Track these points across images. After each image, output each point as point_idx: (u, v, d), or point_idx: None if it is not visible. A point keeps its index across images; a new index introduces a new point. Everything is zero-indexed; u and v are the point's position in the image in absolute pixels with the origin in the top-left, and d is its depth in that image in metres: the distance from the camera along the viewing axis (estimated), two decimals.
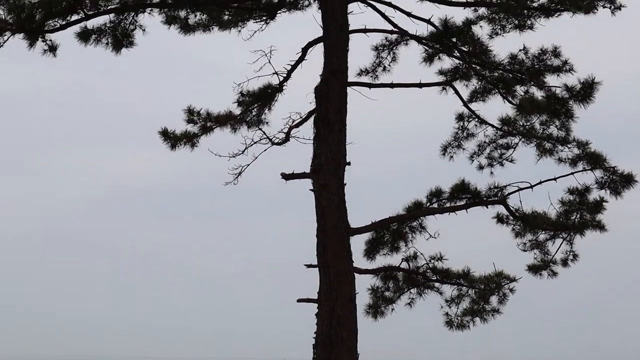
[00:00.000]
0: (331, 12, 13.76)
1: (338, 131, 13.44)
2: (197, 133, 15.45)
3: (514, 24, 14.63)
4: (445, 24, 14.42)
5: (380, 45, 15.74)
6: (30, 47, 13.05)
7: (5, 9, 12.56)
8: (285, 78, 15.04)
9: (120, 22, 13.99)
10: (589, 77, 13.87)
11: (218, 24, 15.65)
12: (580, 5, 13.46)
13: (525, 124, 14.89)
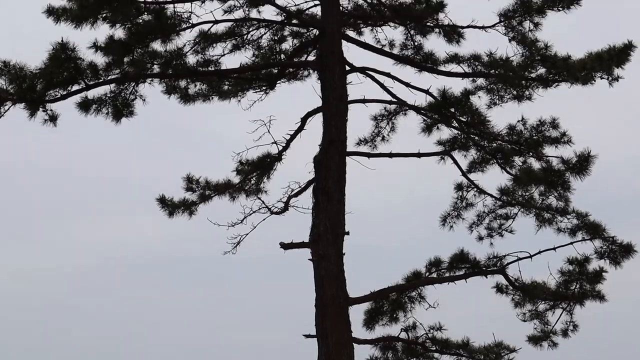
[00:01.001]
0: (330, 82, 13.87)
1: (337, 201, 13.45)
2: (195, 201, 15.49)
3: (512, 95, 14.76)
4: (443, 95, 14.53)
5: (379, 115, 15.87)
6: (30, 117, 13.11)
7: (7, 79, 12.65)
8: (284, 147, 15.12)
9: (121, 92, 14.08)
10: (585, 151, 13.93)
11: (218, 93, 15.80)
12: (577, 76, 13.57)
13: (524, 195, 14.92)
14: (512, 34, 14.39)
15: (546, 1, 13.88)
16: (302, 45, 15.82)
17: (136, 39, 13.59)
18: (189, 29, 14.69)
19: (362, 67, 14.77)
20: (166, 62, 14.34)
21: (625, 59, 13.46)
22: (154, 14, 13.61)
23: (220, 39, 15.67)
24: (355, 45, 15.09)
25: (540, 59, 14.03)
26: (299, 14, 15.51)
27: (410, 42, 15.81)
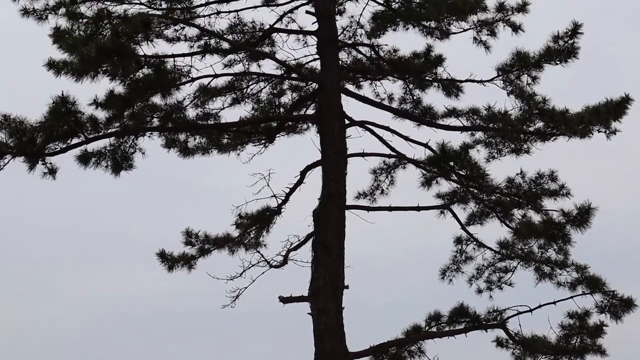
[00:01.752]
0: (330, 136, 13.91)
1: (336, 255, 13.41)
2: (195, 255, 15.46)
3: (511, 148, 14.81)
4: (442, 148, 14.57)
5: (379, 168, 15.91)
6: (30, 170, 13.13)
7: (7, 132, 12.70)
8: (283, 201, 15.13)
9: (120, 145, 14.12)
10: (585, 203, 13.93)
11: (217, 147, 15.85)
12: (575, 130, 13.62)
13: (523, 248, 14.90)
14: (510, 88, 14.47)
15: (544, 55, 13.96)
16: (302, 99, 15.91)
17: (136, 93, 13.66)
18: (189, 82, 14.81)
19: (362, 121, 14.83)
20: (166, 115, 14.42)
21: (622, 113, 13.53)
22: (154, 67, 13.70)
23: (220, 92, 15.78)
24: (355, 99, 15.17)
25: (539, 112, 14.10)
26: (298, 68, 15.63)
27: (409, 95, 15.92)
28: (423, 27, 15.55)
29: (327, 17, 14.39)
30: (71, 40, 12.17)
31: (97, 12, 12.50)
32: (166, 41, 15.36)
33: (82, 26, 12.40)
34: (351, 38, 16.21)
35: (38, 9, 12.96)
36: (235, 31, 15.83)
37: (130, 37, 11.91)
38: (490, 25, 15.07)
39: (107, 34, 12.01)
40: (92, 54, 11.66)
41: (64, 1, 12.64)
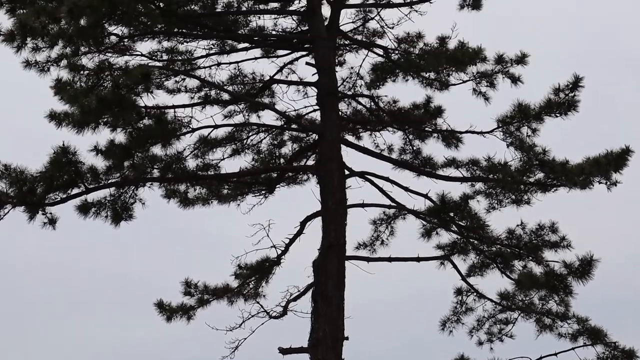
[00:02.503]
0: (330, 187, 13.90)
1: (336, 306, 13.33)
2: (193, 305, 15.38)
3: (511, 199, 14.81)
4: (442, 199, 14.56)
5: (379, 219, 15.90)
6: (30, 220, 13.12)
7: (7, 182, 12.70)
8: (283, 251, 15.10)
9: (120, 195, 14.12)
10: (587, 254, 13.87)
11: (217, 197, 15.85)
12: (576, 181, 13.63)
13: (524, 299, 14.82)
14: (510, 139, 14.50)
15: (544, 108, 14.01)
16: (302, 150, 15.95)
17: (137, 144, 13.70)
18: (189, 133, 14.87)
19: (361, 172, 14.84)
20: (166, 166, 14.44)
21: (623, 164, 13.53)
22: (155, 118, 13.75)
23: (220, 143, 15.83)
24: (355, 149, 15.20)
25: (539, 163, 14.12)
26: (298, 119, 15.70)
27: (409, 146, 15.97)
28: (422, 78, 15.66)
29: (327, 69, 14.46)
30: (72, 91, 12.20)
31: (99, 63, 12.57)
32: (167, 92, 15.51)
33: (83, 78, 12.46)
34: (351, 89, 16.32)
35: (40, 61, 13.02)
36: (236, 82, 15.94)
37: (131, 89, 11.96)
38: (489, 77, 15.17)
39: (108, 85, 12.06)
40: (93, 106, 11.69)
41: (65, 53, 12.70)
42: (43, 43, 12.49)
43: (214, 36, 15.34)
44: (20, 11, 12.91)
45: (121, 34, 13.66)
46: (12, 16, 12.89)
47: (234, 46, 15.69)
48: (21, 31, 12.21)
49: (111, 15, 12.29)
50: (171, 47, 15.36)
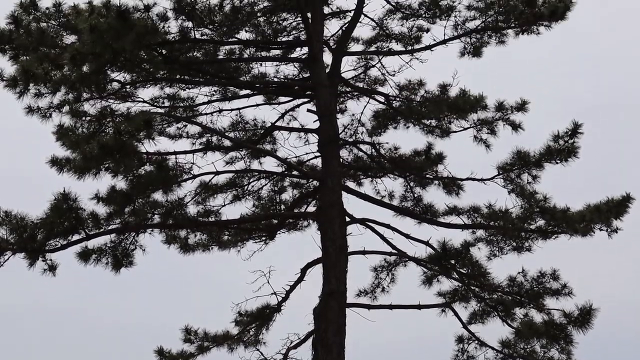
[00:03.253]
0: (330, 234, 13.87)
1: (337, 353, 13.23)
2: (193, 353, 15.29)
3: (512, 246, 14.76)
4: (443, 247, 14.53)
5: (379, 266, 15.85)
6: (30, 266, 13.09)
7: (8, 229, 12.69)
8: (283, 298, 15.03)
9: (121, 242, 14.10)
10: (586, 304, 13.79)
11: (218, 243, 15.83)
12: (577, 228, 13.61)
13: (525, 347, 14.71)
14: (511, 186, 14.51)
15: (544, 155, 14.04)
16: (302, 196, 15.95)
17: (137, 190, 13.71)
18: (191, 179, 14.87)
19: (362, 219, 14.82)
20: (167, 212, 14.43)
21: (623, 211, 13.53)
22: (156, 165, 13.77)
23: (221, 189, 15.85)
24: (355, 196, 15.20)
25: (540, 210, 14.10)
26: (299, 166, 15.72)
27: (409, 193, 15.97)
28: (424, 125, 15.73)
29: (328, 116, 14.51)
30: (74, 137, 12.25)
31: (101, 110, 12.63)
32: (168, 138, 15.56)
33: (85, 124, 12.51)
34: (352, 136, 16.37)
35: (42, 107, 13.09)
36: (237, 129, 16.00)
37: (133, 135, 11.98)
38: (490, 124, 15.23)
39: (110, 131, 12.10)
40: (95, 152, 11.72)
41: (68, 99, 12.77)
42: (45, 89, 12.58)
43: (216, 83, 15.43)
44: (24, 57, 12.99)
45: (123, 81, 13.72)
46: (15, 62, 12.98)
47: (235, 93, 15.78)
48: (24, 77, 12.31)
49: (114, 62, 12.36)
50: (173, 93, 15.47)
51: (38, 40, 12.97)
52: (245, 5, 15.56)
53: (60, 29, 13.31)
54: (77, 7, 13.05)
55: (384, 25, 16.53)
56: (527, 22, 14.63)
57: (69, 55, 11.68)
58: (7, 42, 13.07)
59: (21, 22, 13.12)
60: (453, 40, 15.51)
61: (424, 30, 16.34)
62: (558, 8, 14.31)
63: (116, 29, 11.44)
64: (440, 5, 15.77)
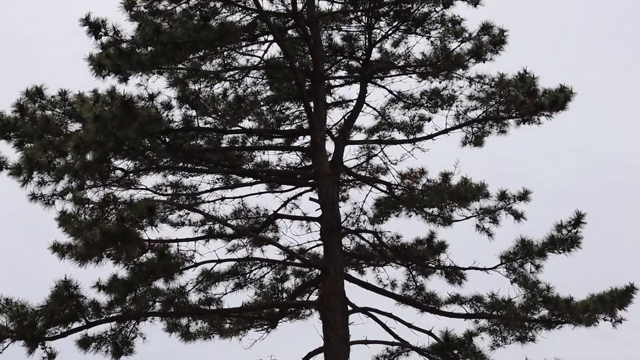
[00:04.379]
0: (332, 323, 13.75)
1: None
2: None
3: (516, 336, 14.61)
4: (446, 336, 14.37)
5: (382, 356, 15.68)
6: (29, 354, 12.94)
7: (8, 316, 12.60)
8: None
9: (122, 330, 13.98)
10: None
11: (219, 332, 15.72)
12: (581, 318, 13.50)
13: None
14: (514, 276, 14.44)
15: (547, 244, 14.01)
16: (305, 285, 15.88)
17: (139, 278, 13.65)
18: (192, 267, 14.80)
19: (364, 308, 14.72)
20: (168, 300, 14.34)
21: (627, 302, 13.44)
22: (158, 252, 13.73)
23: (223, 277, 15.80)
24: (358, 285, 15.12)
25: (543, 300, 14.01)
26: (301, 254, 15.69)
27: (412, 282, 15.90)
28: (426, 214, 15.74)
29: (331, 204, 14.51)
30: (76, 224, 12.23)
31: (104, 197, 12.64)
32: (171, 225, 15.57)
33: (87, 211, 12.52)
34: (354, 224, 16.38)
35: (45, 195, 13.13)
36: (239, 217, 16.02)
37: (135, 223, 11.98)
38: (492, 213, 15.23)
39: (112, 219, 12.10)
40: (97, 239, 11.70)
41: (71, 187, 12.81)
42: (49, 177, 12.64)
43: (219, 171, 15.50)
44: (28, 145, 13.08)
45: (126, 169, 13.79)
46: (20, 150, 13.06)
47: (238, 181, 15.84)
48: (28, 166, 12.38)
49: (117, 150, 12.44)
50: (176, 181, 15.54)
51: (43, 127, 13.08)
52: (248, 94, 15.76)
53: (65, 117, 13.42)
54: (82, 95, 13.19)
55: (386, 114, 16.72)
56: (528, 112, 14.75)
57: (73, 143, 11.75)
58: (12, 130, 13.16)
59: (26, 109, 13.23)
60: (455, 130, 15.65)
61: (425, 119, 16.52)
62: (559, 98, 14.46)
63: (120, 118, 11.55)
64: (442, 94, 15.98)
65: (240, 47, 15.24)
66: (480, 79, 15.45)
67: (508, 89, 14.94)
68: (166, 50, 12.87)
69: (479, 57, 15.04)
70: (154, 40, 12.80)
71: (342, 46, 16.44)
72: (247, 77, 15.86)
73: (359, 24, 16.14)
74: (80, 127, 12.66)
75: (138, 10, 13.63)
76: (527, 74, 14.73)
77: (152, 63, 12.90)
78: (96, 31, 12.76)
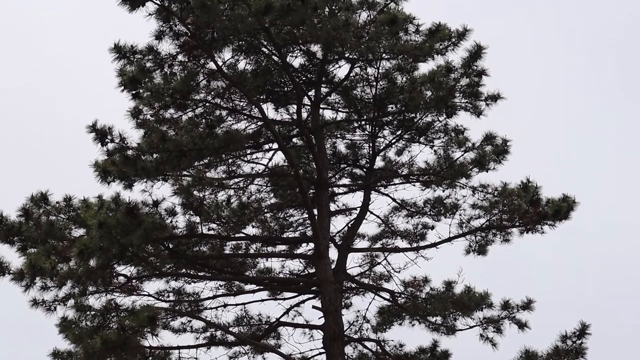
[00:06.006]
0: None
1: None
2: None
3: None
4: None
5: None
6: None
7: None
8: None
9: None
10: None
11: None
12: None
13: None
14: None
15: (551, 355, 13.90)
16: None
17: None
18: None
19: None
20: None
21: None
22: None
23: None
24: None
25: None
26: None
27: None
28: (429, 322, 15.61)
29: (333, 312, 14.41)
30: (77, 331, 12.15)
31: (105, 304, 12.57)
32: (172, 332, 15.43)
33: (89, 317, 12.43)
34: (357, 332, 16.23)
35: (47, 300, 13.07)
36: (242, 324, 15.88)
37: (137, 331, 11.88)
38: (496, 322, 15.12)
39: (114, 326, 12.01)
40: (97, 347, 11.59)
41: (73, 293, 12.77)
42: (52, 283, 12.60)
43: (222, 278, 15.44)
44: (31, 250, 13.09)
45: (129, 275, 13.76)
46: (23, 254, 13.06)
47: (241, 287, 15.78)
48: (31, 271, 12.36)
49: (121, 256, 12.43)
50: (179, 287, 15.46)
51: (47, 232, 13.11)
52: (252, 201, 15.82)
53: (69, 223, 13.47)
54: (87, 201, 13.30)
55: (390, 222, 16.75)
56: (531, 222, 14.78)
57: (76, 249, 11.76)
58: (16, 234, 13.19)
59: (31, 214, 13.29)
60: (458, 238, 15.66)
61: (429, 227, 16.54)
62: (562, 208, 14.52)
63: (125, 225, 11.60)
64: (445, 203, 16.03)
65: (245, 154, 15.37)
66: (483, 188, 15.54)
67: (511, 198, 15.02)
68: (171, 158, 13.00)
69: (482, 167, 15.15)
70: (159, 147, 12.94)
71: (346, 154, 16.59)
72: (252, 184, 15.95)
73: (363, 132, 16.31)
74: (85, 233, 12.69)
75: (144, 118, 13.80)
76: (530, 183, 14.84)
77: (157, 170, 13.01)
78: (102, 138, 12.90)
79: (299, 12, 12.15)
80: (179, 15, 11.96)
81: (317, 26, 12.95)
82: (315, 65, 15.46)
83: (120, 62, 12.77)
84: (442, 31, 14.07)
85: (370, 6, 14.00)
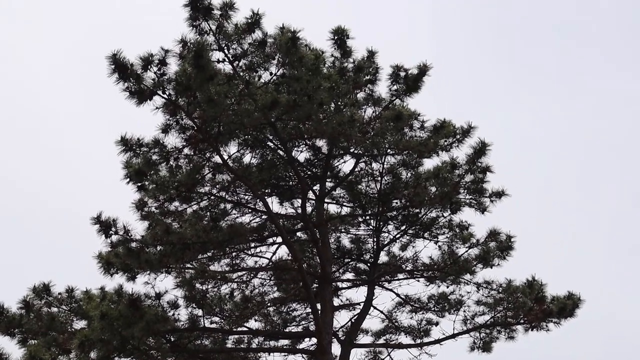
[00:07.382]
0: None
1: None
2: None
3: None
4: None
5: None
6: None
7: None
8: None
9: None
10: None
11: None
12: None
13: None
14: None
15: None
16: None
17: None
18: None
19: None
20: None
21: None
22: None
23: None
24: None
25: None
26: None
27: None
28: None
29: None
30: None
31: None
32: None
33: None
34: None
35: None
36: None
37: None
38: None
39: None
40: None
41: None
42: None
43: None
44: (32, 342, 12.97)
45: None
46: (23, 346, 12.94)
47: None
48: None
49: (122, 348, 12.31)
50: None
51: (48, 325, 13.02)
52: (255, 294, 15.72)
53: (70, 314, 13.38)
54: (89, 292, 13.22)
55: (393, 318, 16.61)
56: (536, 319, 14.66)
57: (77, 341, 11.66)
58: (17, 326, 13.09)
59: (32, 306, 13.21)
60: (462, 335, 15.51)
61: (433, 323, 16.41)
62: (567, 305, 14.42)
63: (127, 317, 11.51)
64: (449, 299, 15.93)
65: (249, 248, 15.34)
66: (487, 284, 15.47)
67: (516, 295, 14.93)
68: (175, 250, 12.98)
69: (487, 263, 15.10)
70: (163, 240, 12.94)
71: (350, 248, 16.55)
72: (255, 277, 15.87)
73: (367, 227, 16.31)
74: (86, 325, 12.60)
75: (149, 210, 13.82)
76: (535, 280, 14.77)
77: (160, 262, 12.98)
78: (106, 230, 12.89)
79: (305, 107, 12.27)
80: (186, 109, 12.06)
81: (322, 121, 13.06)
82: (320, 159, 15.55)
83: (126, 155, 12.83)
84: (446, 127, 14.17)
85: (375, 102, 14.15)
